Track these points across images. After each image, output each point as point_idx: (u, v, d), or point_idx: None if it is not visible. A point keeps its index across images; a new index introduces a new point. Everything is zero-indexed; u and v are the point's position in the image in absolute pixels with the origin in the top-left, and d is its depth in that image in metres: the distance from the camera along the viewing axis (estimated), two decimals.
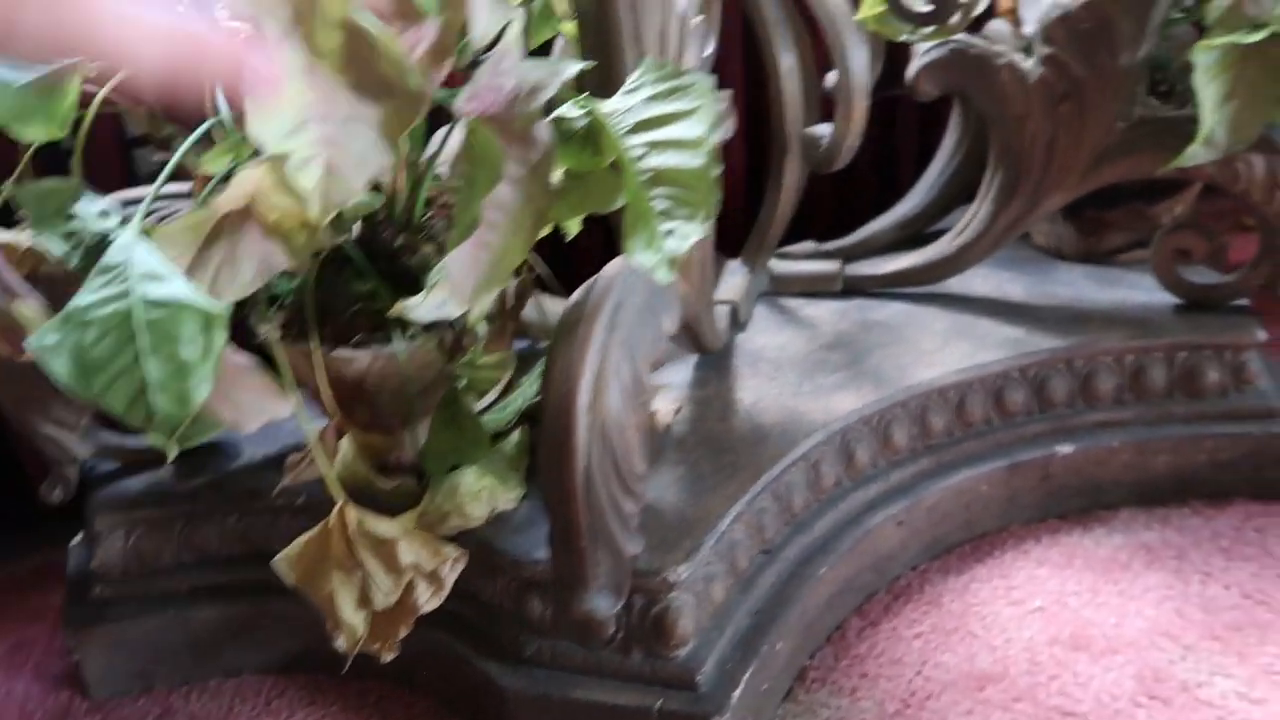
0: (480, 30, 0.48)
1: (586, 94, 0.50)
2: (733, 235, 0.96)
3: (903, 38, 0.79)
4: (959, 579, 0.71)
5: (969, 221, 0.81)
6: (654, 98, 0.47)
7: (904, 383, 0.73)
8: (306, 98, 0.43)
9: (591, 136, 0.51)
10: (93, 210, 0.49)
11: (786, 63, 0.76)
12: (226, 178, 0.55)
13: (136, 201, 0.68)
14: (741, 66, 0.96)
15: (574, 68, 0.49)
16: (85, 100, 0.53)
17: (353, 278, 0.58)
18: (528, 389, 0.68)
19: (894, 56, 0.83)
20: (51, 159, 0.59)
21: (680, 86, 0.46)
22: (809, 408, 0.71)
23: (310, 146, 0.43)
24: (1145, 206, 0.86)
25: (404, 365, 0.58)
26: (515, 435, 0.65)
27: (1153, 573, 0.69)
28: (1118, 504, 0.76)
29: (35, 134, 0.49)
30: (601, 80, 0.52)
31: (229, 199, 0.45)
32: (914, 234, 0.95)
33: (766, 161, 0.83)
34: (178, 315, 0.42)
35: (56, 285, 0.55)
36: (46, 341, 0.41)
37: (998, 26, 0.91)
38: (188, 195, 0.68)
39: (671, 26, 0.54)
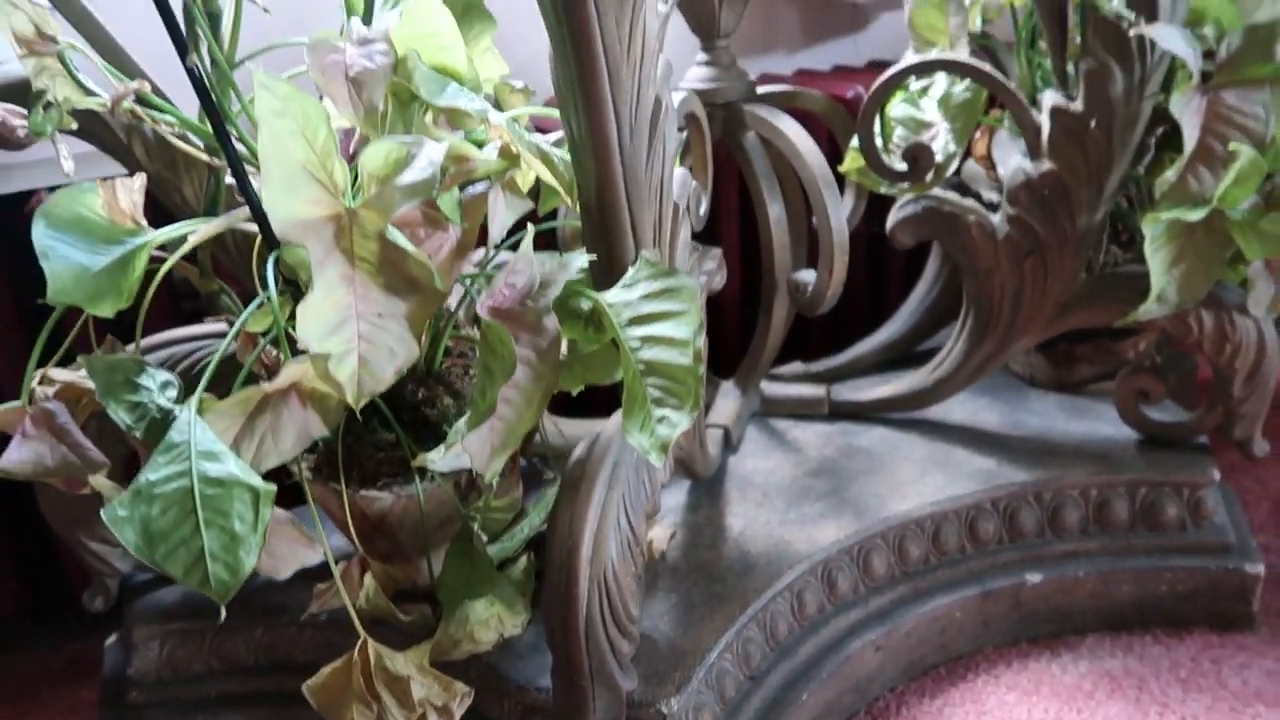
0: (498, 232, 0.55)
1: (590, 281, 0.57)
2: (727, 357, 1.02)
3: (882, 189, 0.86)
4: (934, 702, 0.75)
5: (945, 357, 0.88)
6: (648, 295, 0.53)
7: (883, 513, 0.78)
8: (346, 299, 0.50)
9: (594, 318, 0.57)
10: (155, 383, 0.55)
11: (774, 213, 0.83)
12: (266, 334, 0.62)
13: (182, 341, 0.75)
14: (738, 208, 1.04)
15: (580, 261, 0.56)
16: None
17: (379, 427, 0.64)
18: (534, 518, 0.74)
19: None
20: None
21: (672, 288, 0.53)
22: (794, 536, 0.76)
23: (347, 342, 0.49)
24: (1112, 343, 0.92)
25: (423, 505, 0.64)
26: (522, 562, 0.71)
27: (1114, 702, 0.74)
28: (1085, 629, 0.81)
29: (106, 310, 0.55)
30: (604, 265, 0.59)
31: (275, 383, 0.52)
32: (898, 356, 1.01)
33: (759, 291, 0.89)
34: (231, 492, 0.48)
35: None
36: (119, 514, 0.47)
37: (972, 168, 0.99)
38: (220, 335, 0.75)
39: (666, 214, 0.61)
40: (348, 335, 0.49)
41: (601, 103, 0.54)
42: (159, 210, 0.67)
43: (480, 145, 0.58)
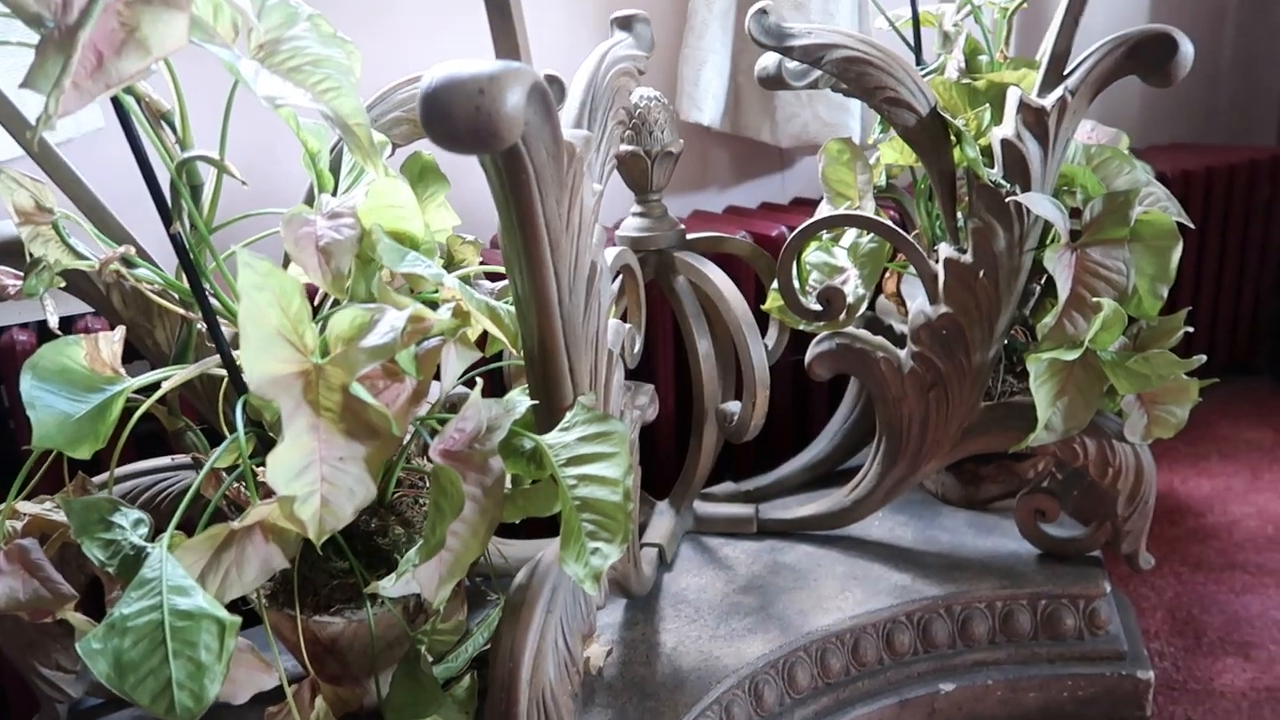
0: (449, 382, 0.61)
1: (531, 422, 0.63)
2: (662, 478, 1.09)
3: (801, 327, 0.95)
4: None
5: (862, 479, 0.95)
6: (584, 438, 0.60)
7: (806, 628, 0.84)
8: (311, 445, 0.55)
9: (535, 456, 0.64)
10: (128, 521, 0.59)
11: (703, 348, 0.91)
12: (231, 469, 0.67)
13: (147, 474, 0.79)
14: (671, 341, 1.12)
15: (522, 405, 0.62)
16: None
17: (333, 555, 0.69)
18: (478, 638, 0.78)
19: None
20: None
21: (605, 433, 0.60)
22: (723, 651, 0.81)
23: (311, 484, 0.55)
24: (1013, 463, 1.01)
25: (374, 630, 0.68)
26: (466, 680, 0.75)
27: None
28: None
29: (84, 453, 0.60)
30: (544, 408, 0.65)
31: (243, 522, 0.57)
32: (822, 475, 1.09)
33: (691, 415, 0.96)
34: (199, 624, 0.52)
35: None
36: (93, 646, 0.51)
37: (884, 303, 1.08)
38: (184, 467, 0.80)
39: (601, 361, 0.68)
40: (312, 478, 0.55)
41: (543, 267, 0.62)
42: (128, 350, 0.72)
43: (433, 305, 0.65)
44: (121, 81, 0.50)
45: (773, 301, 0.95)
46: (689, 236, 0.94)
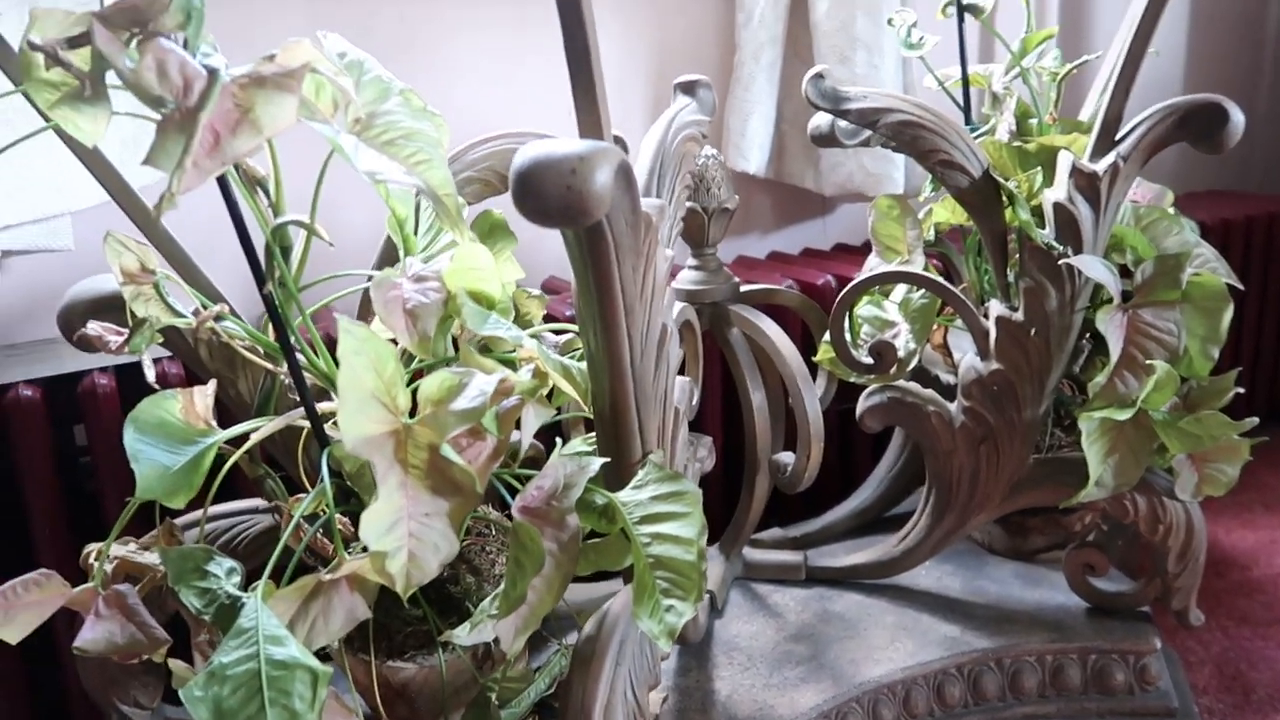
0: (527, 441, 0.64)
1: (602, 478, 0.66)
2: (711, 524, 1.10)
3: (852, 379, 0.97)
4: None
5: (911, 529, 0.96)
6: (657, 497, 0.62)
7: (858, 678, 0.85)
8: (400, 502, 0.58)
9: (607, 511, 0.66)
10: (222, 570, 0.62)
11: (757, 400, 0.93)
12: (311, 519, 0.69)
13: (222, 517, 0.82)
14: (720, 391, 1.14)
15: (595, 464, 0.65)
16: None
17: (406, 603, 0.71)
18: (540, 684, 0.80)
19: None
20: None
21: (678, 492, 0.62)
22: (776, 701, 0.83)
23: (399, 540, 0.57)
24: (1060, 516, 1.02)
25: (444, 675, 0.71)
26: None
27: None
28: None
29: (179, 503, 0.63)
30: (614, 464, 0.68)
31: (334, 574, 0.59)
32: (868, 521, 1.10)
33: (741, 465, 0.98)
34: (294, 674, 0.55)
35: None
36: (195, 694, 0.53)
37: (931, 354, 1.10)
38: (258, 511, 0.83)
39: (668, 420, 0.70)
40: (400, 534, 0.57)
41: (618, 331, 0.64)
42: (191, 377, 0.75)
43: (509, 363, 0.67)
44: (236, 159, 0.53)
45: (824, 353, 0.98)
46: (742, 289, 0.97)
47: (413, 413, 0.59)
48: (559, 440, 0.63)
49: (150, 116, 0.53)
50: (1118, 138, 0.83)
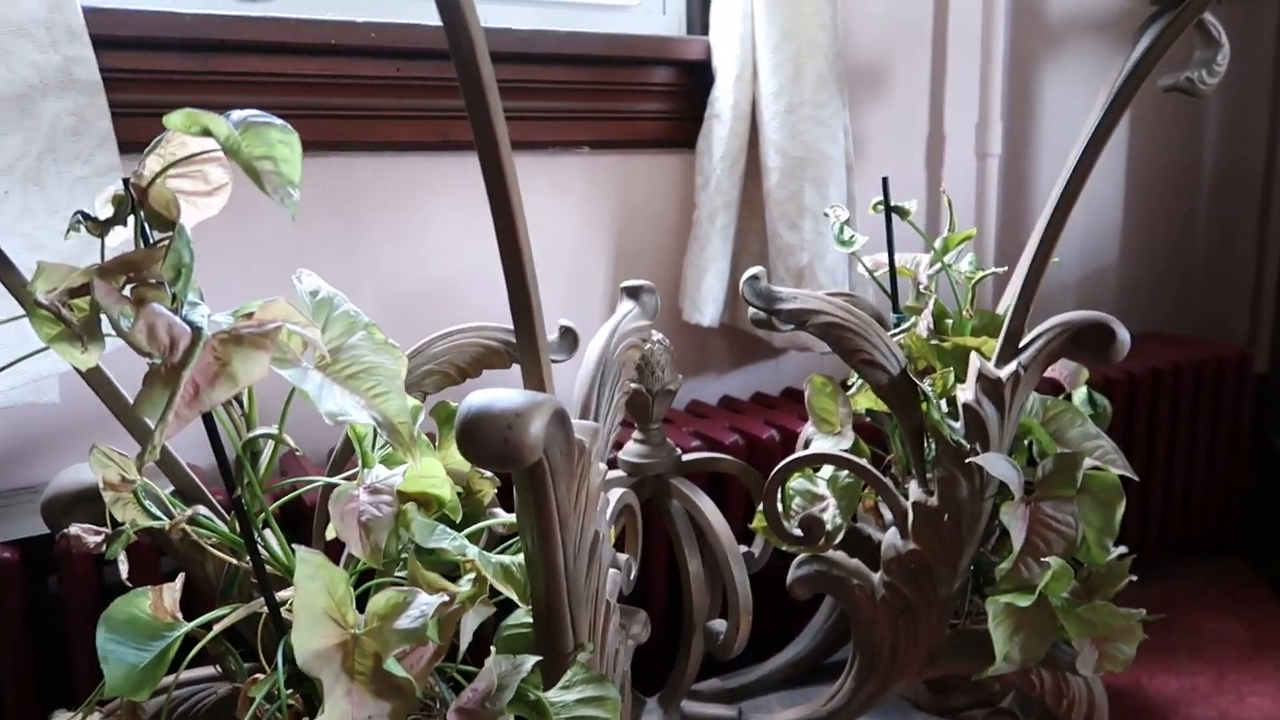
0: (465, 645, 0.70)
1: (539, 674, 0.72)
2: (651, 675, 1.16)
3: (784, 548, 1.04)
4: None
5: (837, 690, 1.03)
6: (582, 700, 0.69)
7: None
8: (346, 708, 0.64)
9: (538, 706, 0.72)
10: None
11: (694, 568, 1.00)
12: (272, 700, 0.75)
13: (181, 686, 0.87)
14: (666, 547, 1.20)
15: (529, 663, 0.71)
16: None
17: None
18: None
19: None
20: None
21: (600, 697, 0.68)
22: None
23: None
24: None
25: None
26: None
27: None
28: None
29: (144, 696, 0.69)
30: (549, 659, 0.74)
31: None
32: (803, 672, 1.16)
33: (680, 620, 1.04)
34: None
35: None
36: None
37: (862, 514, 1.17)
38: (213, 679, 0.88)
39: (599, 614, 0.77)
40: None
41: (553, 540, 0.71)
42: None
43: (455, 571, 0.74)
44: (213, 406, 0.61)
45: (759, 522, 1.05)
46: (685, 458, 1.04)
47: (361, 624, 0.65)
48: (493, 649, 0.70)
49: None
50: (1021, 346, 0.91)
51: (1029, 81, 1.81)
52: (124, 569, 0.73)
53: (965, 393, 0.92)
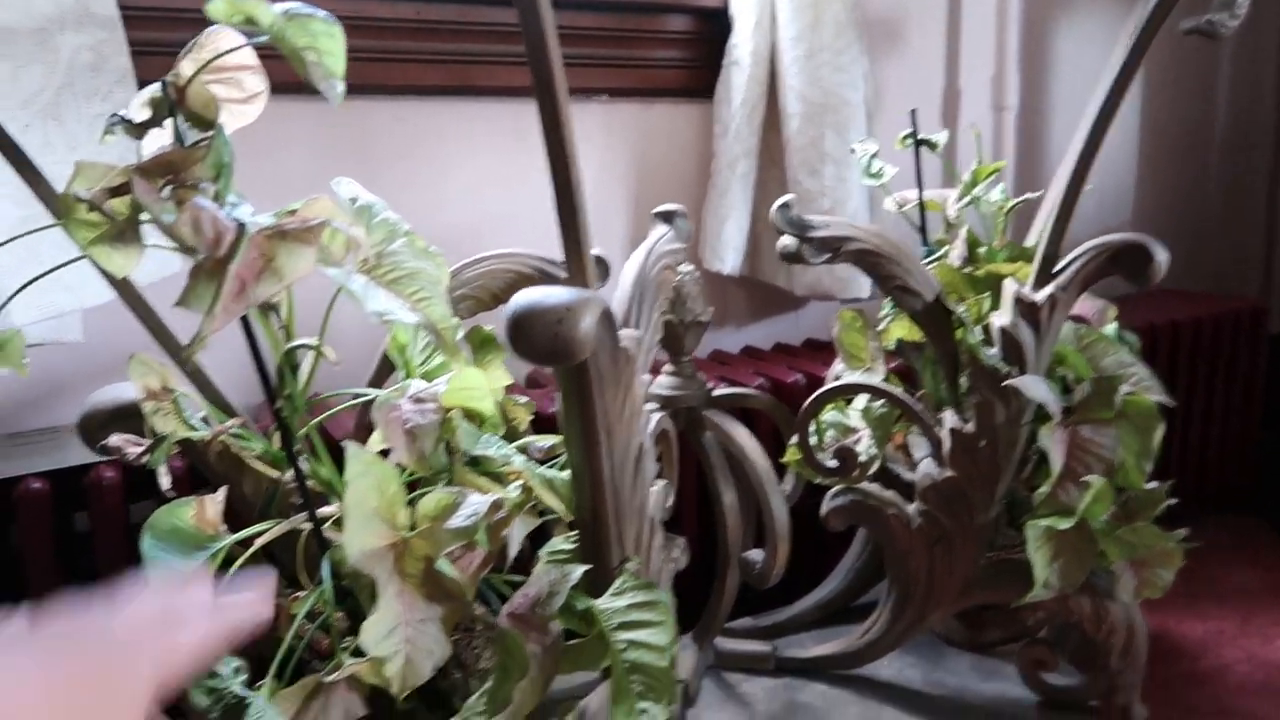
0: (514, 551, 0.70)
1: (584, 584, 0.71)
2: (684, 612, 1.15)
3: (817, 480, 1.03)
4: None
5: (873, 623, 1.02)
6: (633, 605, 0.68)
7: None
8: (398, 610, 0.63)
9: (587, 615, 0.71)
10: (229, 669, 0.67)
11: (728, 499, 0.99)
12: (309, 616, 0.74)
13: None
14: (697, 486, 1.20)
15: (577, 573, 0.70)
16: None
17: (400, 700, 0.76)
18: None
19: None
20: None
21: (652, 601, 0.67)
22: None
23: (397, 645, 0.62)
24: (1016, 611, 1.08)
25: None
26: None
27: None
28: None
29: None
30: (594, 571, 0.73)
31: (334, 676, 0.64)
32: (835, 611, 1.16)
33: (714, 556, 1.04)
34: None
35: None
36: None
37: (891, 453, 1.17)
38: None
39: (644, 529, 0.76)
40: (397, 639, 0.63)
41: (598, 450, 0.70)
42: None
43: (500, 476, 0.73)
44: (258, 302, 0.60)
45: (791, 456, 1.04)
46: (715, 393, 1.03)
47: (413, 525, 0.65)
48: (541, 555, 0.69)
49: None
50: (1056, 270, 0.91)
51: (1044, 34, 1.80)
52: (165, 480, 0.72)
53: (1000, 317, 0.91)
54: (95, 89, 1.10)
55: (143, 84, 1.03)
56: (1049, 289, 0.89)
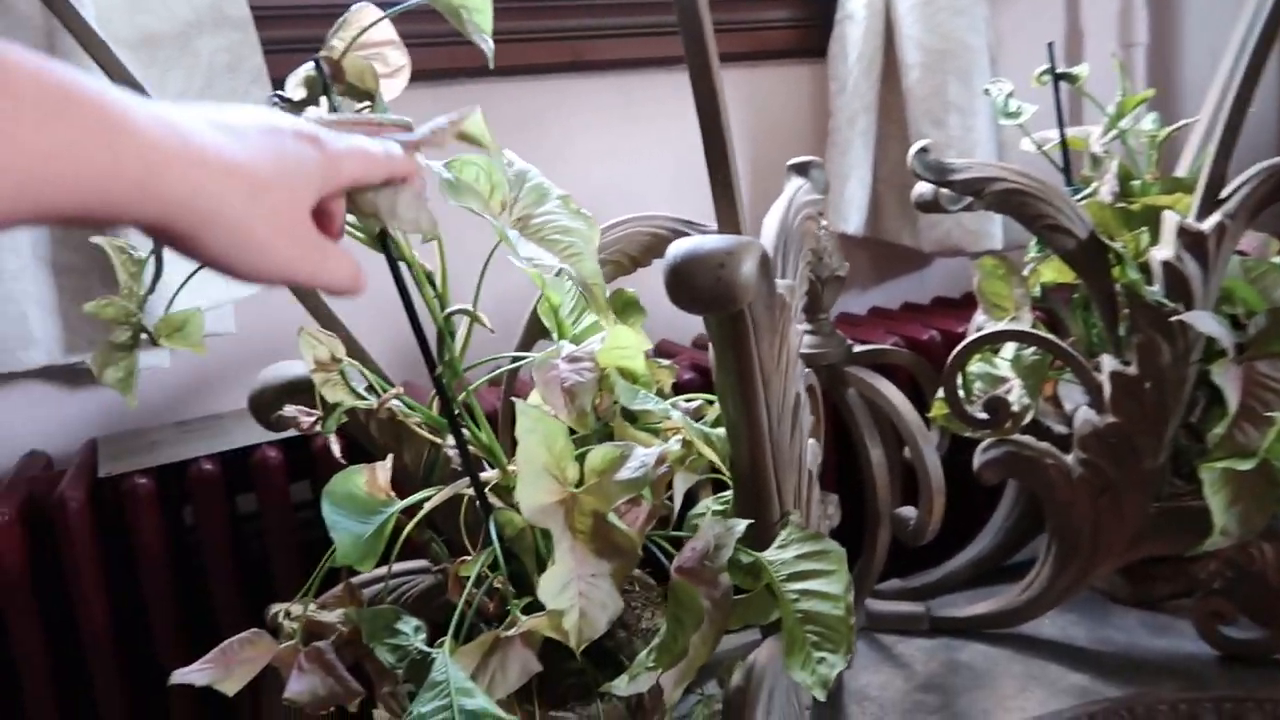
0: (678, 504, 0.70)
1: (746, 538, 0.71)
2: None
3: (965, 434, 1.00)
4: None
5: (1034, 579, 0.99)
6: (801, 556, 0.67)
7: None
8: (571, 565, 0.64)
9: (753, 569, 0.71)
10: (410, 627, 0.69)
11: (876, 456, 0.97)
12: (477, 583, 0.76)
13: (392, 577, 0.89)
14: (835, 451, 1.17)
15: (741, 526, 0.70)
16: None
17: (567, 656, 0.77)
18: None
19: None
20: None
21: (822, 551, 0.66)
22: None
23: (571, 599, 0.63)
24: (1186, 563, 1.03)
25: None
26: None
27: None
28: None
29: (369, 567, 0.70)
30: (755, 528, 0.72)
31: (512, 630, 0.65)
32: (986, 572, 1.12)
33: (857, 520, 1.01)
34: None
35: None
36: None
37: (1041, 405, 1.12)
38: (421, 572, 0.90)
39: (803, 482, 0.75)
40: (572, 594, 0.63)
41: (756, 401, 0.70)
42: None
43: (654, 433, 0.73)
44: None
45: (938, 410, 1.01)
46: (854, 350, 1.01)
47: (578, 484, 0.65)
48: (710, 507, 0.69)
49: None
50: (1222, 197, 0.85)
51: None
52: (336, 448, 0.75)
53: (1162, 251, 0.86)
54: (233, 89, 1.15)
55: (275, 83, 1.08)
56: (1216, 217, 0.84)
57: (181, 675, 0.68)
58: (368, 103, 0.67)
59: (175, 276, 0.73)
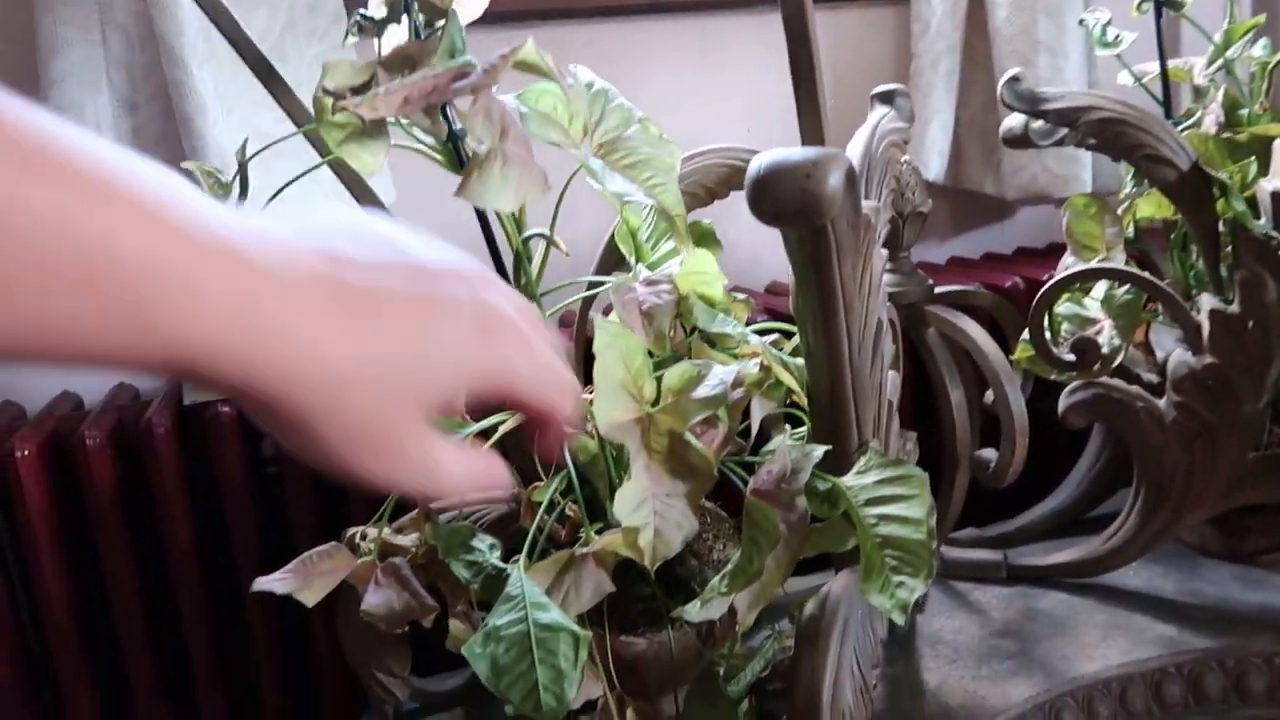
0: (756, 428, 0.68)
1: (825, 466, 0.69)
2: None
3: (1052, 377, 0.97)
4: None
5: (1119, 527, 0.95)
6: (882, 481, 0.65)
7: (1070, 674, 0.85)
8: (645, 483, 0.63)
9: (830, 496, 0.70)
10: (485, 545, 0.70)
11: (956, 398, 0.94)
12: (549, 508, 0.76)
13: (479, 501, 0.90)
14: (911, 391, 1.15)
15: (818, 451, 0.68)
16: None
17: (638, 581, 0.77)
18: (755, 665, 0.84)
19: None
20: None
21: (903, 475, 0.65)
22: (988, 692, 0.84)
23: (646, 517, 0.63)
24: None
25: (673, 650, 0.76)
26: (745, 705, 0.81)
27: None
28: None
29: None
30: (833, 455, 0.71)
31: (587, 549, 0.65)
32: (1066, 524, 1.09)
33: (931, 464, 0.99)
34: (558, 635, 0.61)
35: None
36: (475, 650, 0.60)
37: (1131, 353, 1.08)
38: (490, 501, 0.90)
39: (883, 411, 0.73)
40: (646, 512, 0.63)
41: (837, 326, 0.68)
42: None
43: (734, 358, 0.72)
44: None
45: (1022, 352, 0.98)
46: (937, 290, 0.98)
47: (654, 403, 0.65)
48: (786, 428, 0.68)
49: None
50: None
51: None
52: None
53: (1272, 182, 0.82)
54: (314, 29, 1.16)
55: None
56: None
57: (262, 583, 0.70)
58: (441, 21, 0.66)
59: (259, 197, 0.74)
